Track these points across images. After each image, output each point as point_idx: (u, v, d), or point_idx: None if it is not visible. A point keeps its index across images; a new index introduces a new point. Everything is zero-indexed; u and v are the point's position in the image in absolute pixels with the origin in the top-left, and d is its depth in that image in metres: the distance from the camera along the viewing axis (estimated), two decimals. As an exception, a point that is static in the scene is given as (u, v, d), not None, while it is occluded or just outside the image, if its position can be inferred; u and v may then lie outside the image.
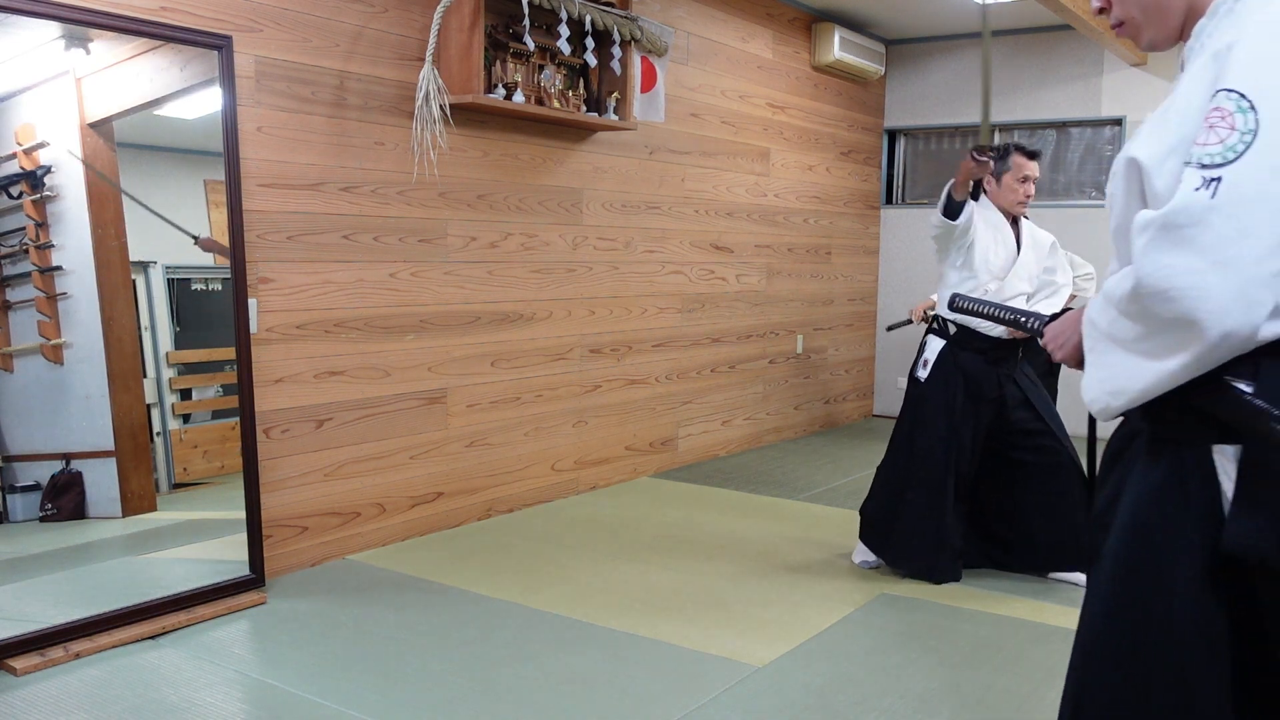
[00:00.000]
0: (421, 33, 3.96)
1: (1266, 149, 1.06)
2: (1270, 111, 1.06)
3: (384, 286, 3.95)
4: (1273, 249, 1.06)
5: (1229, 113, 1.08)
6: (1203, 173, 1.08)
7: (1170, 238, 1.09)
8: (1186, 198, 1.08)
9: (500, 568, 3.79)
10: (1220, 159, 1.07)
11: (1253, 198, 1.06)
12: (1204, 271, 1.06)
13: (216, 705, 2.64)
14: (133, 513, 3.43)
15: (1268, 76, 1.08)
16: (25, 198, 3.18)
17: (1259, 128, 1.06)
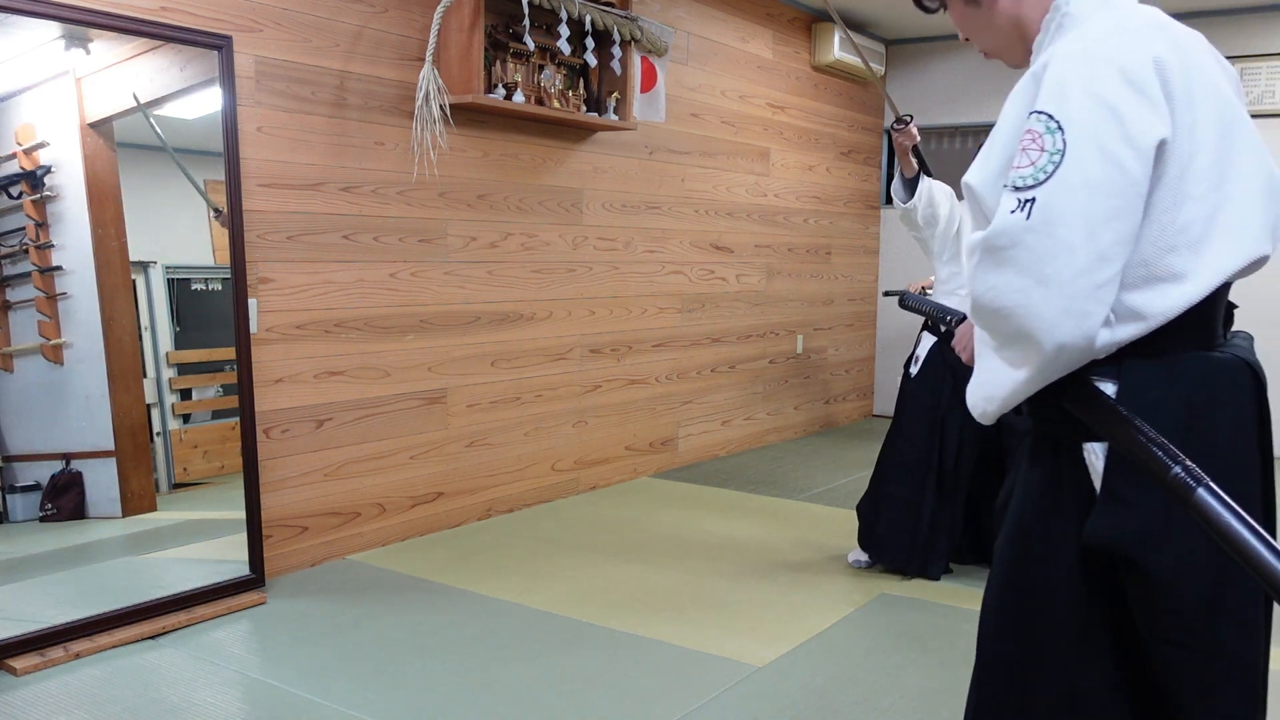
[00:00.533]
0: (421, 33, 3.96)
1: (1075, 167, 1.09)
2: (1076, 131, 1.09)
3: (384, 286, 3.95)
4: (1093, 263, 1.09)
5: (1039, 134, 1.12)
6: (1017, 195, 1.12)
7: (994, 259, 1.13)
8: (1004, 220, 1.12)
9: (500, 568, 3.79)
10: (1033, 180, 1.11)
11: (1065, 216, 1.09)
12: (1028, 290, 1.10)
13: (216, 705, 2.64)
14: (133, 513, 3.43)
15: (1074, 97, 1.10)
16: (25, 198, 3.19)
17: (1066, 148, 1.09)
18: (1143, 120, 1.10)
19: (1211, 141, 1.16)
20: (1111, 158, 1.09)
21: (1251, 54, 6.07)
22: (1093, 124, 1.10)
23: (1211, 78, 1.20)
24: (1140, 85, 1.11)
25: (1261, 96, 6.07)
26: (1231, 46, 6.13)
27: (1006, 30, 1.35)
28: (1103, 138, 1.10)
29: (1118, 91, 1.11)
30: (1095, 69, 1.12)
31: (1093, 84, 1.11)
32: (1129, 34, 1.16)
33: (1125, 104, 1.10)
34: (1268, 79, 6.04)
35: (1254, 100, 6.09)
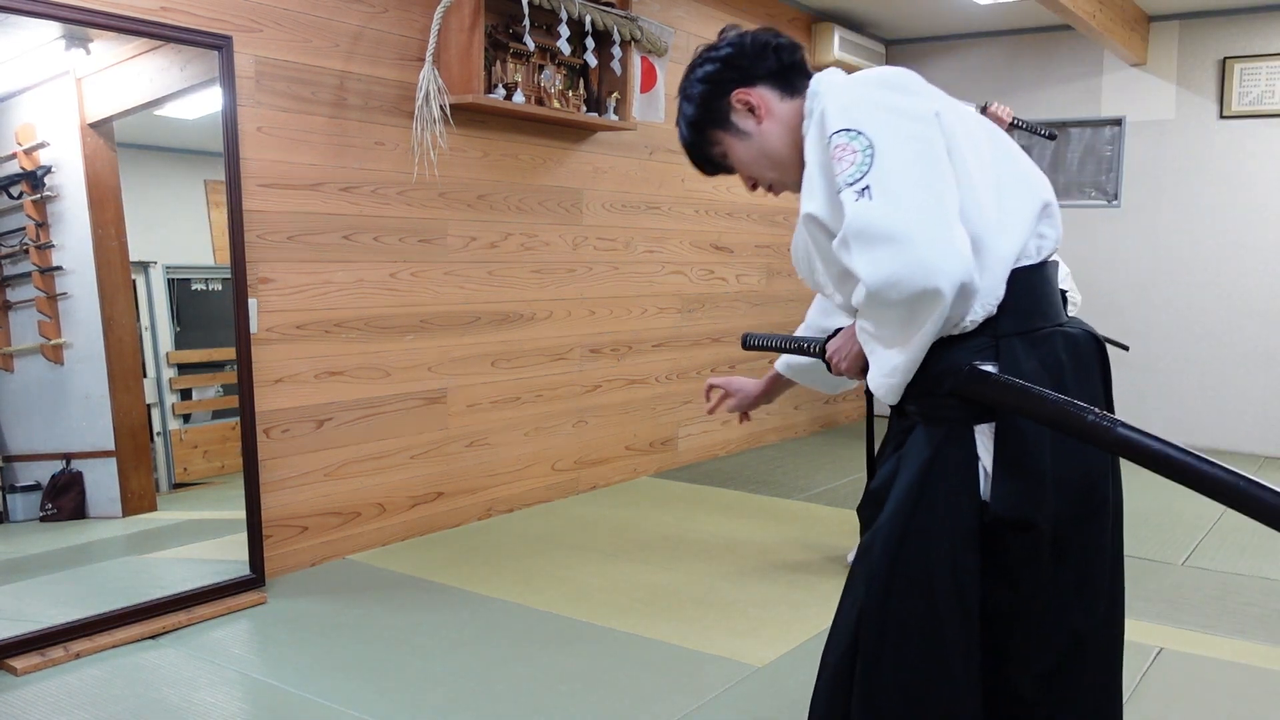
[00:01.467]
0: (421, 33, 3.96)
1: (885, 149, 1.29)
2: (871, 126, 1.30)
3: (384, 286, 3.95)
4: (936, 206, 1.26)
5: (845, 144, 1.31)
6: (853, 188, 1.29)
7: (861, 242, 1.28)
8: (853, 210, 1.28)
9: (500, 568, 3.79)
10: (860, 173, 1.28)
11: (898, 184, 1.27)
12: (898, 252, 1.25)
13: (216, 705, 2.64)
14: (133, 513, 3.43)
15: (856, 106, 1.33)
16: (25, 198, 3.19)
17: (872, 140, 1.29)
18: (913, 100, 1.34)
19: (960, 130, 1.39)
20: (907, 133, 1.30)
21: (1251, 54, 6.07)
22: (880, 115, 1.31)
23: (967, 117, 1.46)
24: (899, 86, 1.36)
25: (1261, 96, 6.07)
26: (1232, 46, 6.13)
27: (784, 144, 1.50)
28: (893, 124, 1.30)
29: (884, 92, 1.34)
30: (860, 87, 1.35)
31: (864, 94, 1.34)
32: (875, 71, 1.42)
33: (895, 95, 1.34)
34: (1267, 79, 6.04)
35: (1254, 100, 6.09)
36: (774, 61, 1.50)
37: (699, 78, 1.53)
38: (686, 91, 1.55)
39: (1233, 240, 6.25)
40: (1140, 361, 6.56)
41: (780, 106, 1.50)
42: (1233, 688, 2.85)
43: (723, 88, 1.50)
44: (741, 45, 1.51)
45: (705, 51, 1.55)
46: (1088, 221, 6.67)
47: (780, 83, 1.51)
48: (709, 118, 1.53)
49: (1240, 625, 3.31)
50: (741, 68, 1.50)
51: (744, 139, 1.53)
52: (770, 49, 1.51)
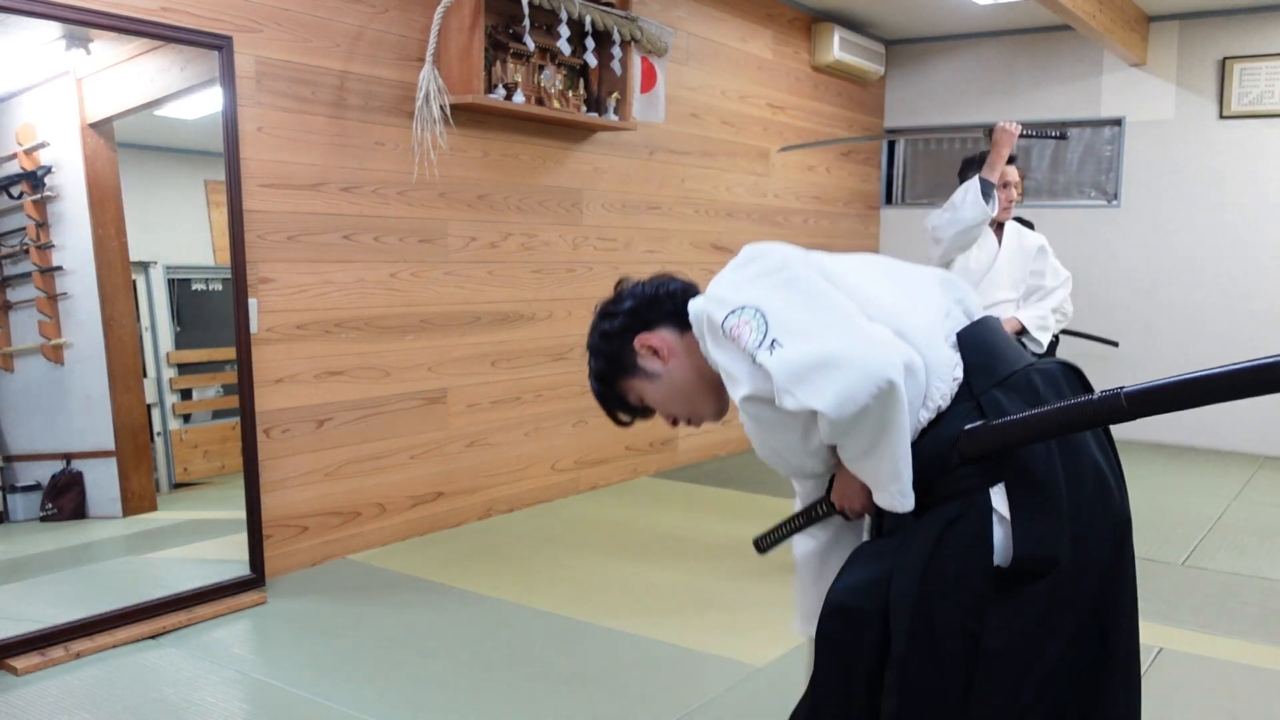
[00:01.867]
0: (421, 33, 3.96)
1: (775, 311, 1.36)
2: (750, 299, 1.38)
3: (384, 286, 3.95)
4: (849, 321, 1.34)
5: (737, 323, 1.38)
6: (763, 351, 1.34)
7: (797, 382, 1.31)
8: (775, 363, 1.33)
9: (500, 568, 3.79)
10: (762, 334, 1.35)
11: (801, 321, 1.34)
12: (836, 369, 1.28)
13: (216, 705, 2.64)
14: (133, 513, 3.44)
15: (728, 297, 1.41)
16: (26, 198, 3.19)
17: (758, 306, 1.37)
18: (766, 261, 1.43)
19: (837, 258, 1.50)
20: (784, 284, 1.38)
21: (1251, 54, 6.07)
22: (750, 286, 1.40)
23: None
24: (748, 259, 1.45)
25: (1261, 96, 6.07)
26: (1232, 46, 6.13)
27: (692, 373, 1.56)
28: (764, 281, 1.39)
29: (739, 272, 1.44)
30: (719, 284, 1.44)
31: (729, 281, 1.44)
32: None
33: (749, 268, 1.43)
34: (1267, 79, 6.04)
35: (1254, 100, 6.09)
36: (670, 305, 1.59)
37: (603, 332, 1.62)
38: (594, 347, 1.63)
39: (1232, 240, 6.25)
40: (1140, 361, 6.56)
41: (680, 342, 1.58)
42: (1233, 688, 2.85)
43: (626, 338, 1.59)
44: (639, 296, 1.60)
45: (606, 306, 1.64)
46: (1088, 221, 6.67)
47: (678, 321, 1.57)
48: (618, 369, 1.61)
49: (1240, 625, 3.31)
50: (641, 316, 1.59)
51: (654, 380, 1.59)
52: (665, 295, 1.60)
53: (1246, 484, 5.43)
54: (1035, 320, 3.67)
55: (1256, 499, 5.09)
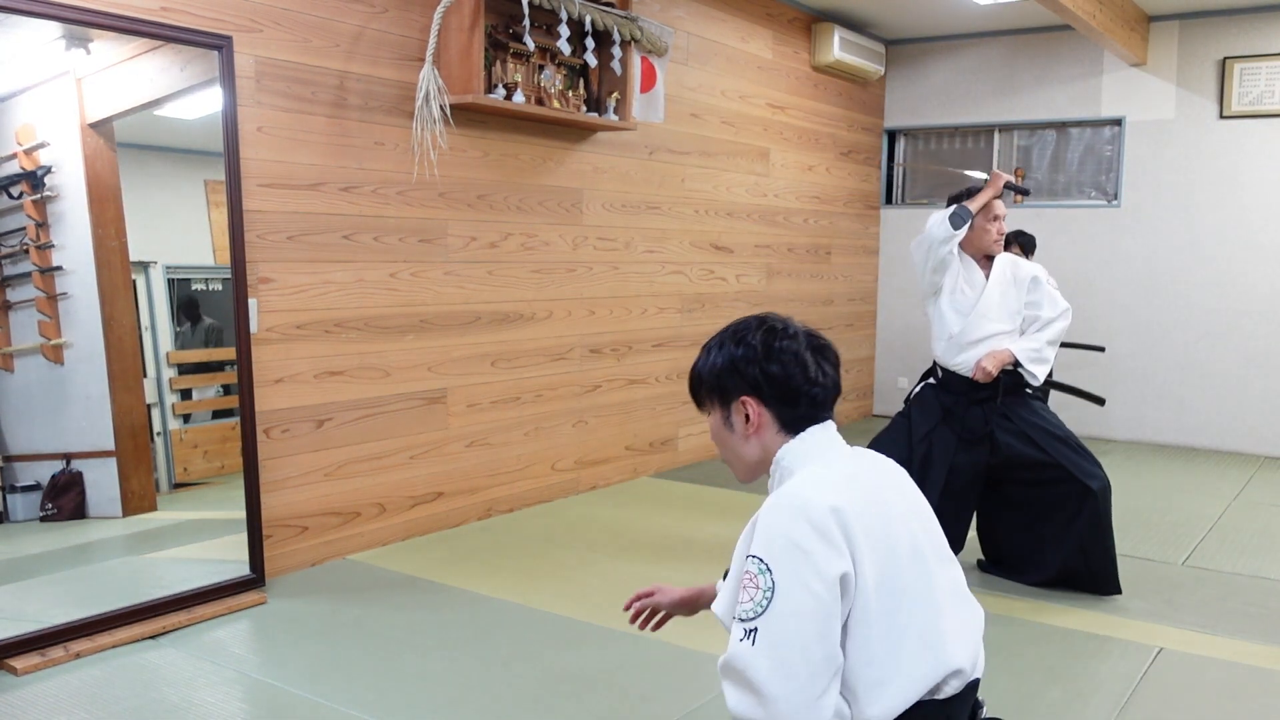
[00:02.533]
0: (421, 33, 3.96)
1: (783, 599, 1.35)
2: (780, 571, 1.36)
3: (384, 286, 3.95)
4: (810, 678, 1.33)
5: (754, 574, 1.38)
6: (743, 625, 1.37)
7: (732, 680, 1.37)
8: (735, 648, 1.37)
9: (500, 568, 3.79)
10: (753, 613, 1.36)
11: (782, 640, 1.34)
12: (759, 706, 1.34)
13: (216, 705, 2.64)
14: (133, 513, 3.43)
15: (776, 542, 1.38)
16: (25, 198, 3.19)
17: (775, 585, 1.35)
18: (826, 558, 1.36)
19: (883, 574, 1.41)
20: (809, 589, 1.35)
21: (1251, 54, 6.07)
22: (791, 563, 1.36)
23: (888, 514, 1.46)
24: (823, 531, 1.37)
25: (1261, 96, 6.07)
26: (1232, 46, 6.13)
27: (750, 458, 1.59)
28: (800, 573, 1.35)
29: (806, 535, 1.37)
30: (790, 519, 1.39)
31: (788, 531, 1.38)
32: (820, 486, 1.43)
33: (812, 545, 1.36)
34: (1267, 79, 6.04)
35: (1254, 100, 6.09)
36: (793, 399, 1.55)
37: (734, 363, 1.56)
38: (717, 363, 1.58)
39: (1232, 240, 6.25)
40: (1140, 361, 6.56)
41: (767, 425, 1.56)
42: (1232, 688, 2.85)
43: (741, 386, 1.56)
44: (783, 374, 1.55)
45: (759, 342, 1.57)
46: (1088, 221, 6.67)
47: (787, 422, 1.56)
48: (714, 391, 1.59)
49: (1240, 625, 3.31)
50: (768, 387, 1.55)
51: (726, 427, 1.60)
52: (802, 394, 1.55)
53: (1246, 484, 5.43)
54: (1028, 353, 3.64)
55: (1256, 499, 5.09)
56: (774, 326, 1.58)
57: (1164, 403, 6.51)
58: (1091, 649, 3.10)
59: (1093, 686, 2.83)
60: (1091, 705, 2.71)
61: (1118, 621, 3.33)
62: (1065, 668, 2.96)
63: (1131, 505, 4.85)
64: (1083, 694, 2.78)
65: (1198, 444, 6.43)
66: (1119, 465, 5.81)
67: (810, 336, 1.61)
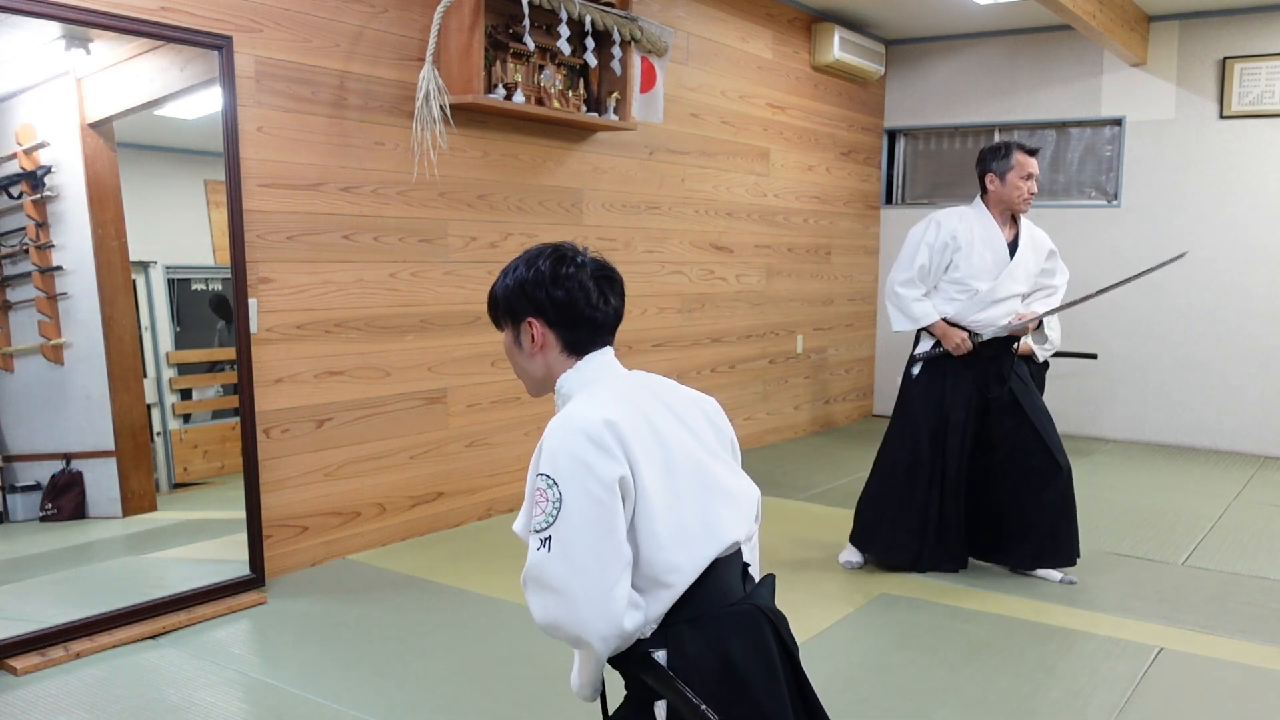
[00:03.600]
0: (421, 33, 3.96)
1: (570, 507, 1.52)
2: (565, 483, 1.52)
3: (384, 286, 3.95)
4: (600, 572, 1.50)
5: (544, 490, 1.55)
6: (538, 536, 1.56)
7: (533, 587, 1.57)
8: (533, 556, 1.57)
9: (500, 568, 3.79)
10: (545, 524, 1.55)
11: (573, 544, 1.51)
12: (563, 604, 1.52)
13: (216, 705, 2.64)
14: (133, 513, 3.43)
15: (559, 457, 1.53)
16: (25, 198, 3.18)
17: (562, 495, 1.53)
18: (604, 465, 1.51)
19: (658, 474, 1.58)
20: (590, 494, 1.51)
21: (1251, 54, 6.07)
22: (574, 474, 1.52)
23: (657, 424, 1.63)
24: (599, 442, 1.52)
25: (1261, 96, 6.07)
26: (1232, 46, 6.13)
27: (536, 374, 1.73)
28: (583, 482, 1.51)
29: (584, 448, 1.52)
30: (569, 436, 1.54)
31: (569, 447, 1.53)
32: (595, 405, 1.58)
33: (590, 456, 1.52)
34: (1267, 79, 6.04)
35: (1254, 100, 6.09)
36: (575, 318, 1.67)
37: (521, 285, 1.68)
38: (508, 285, 1.69)
39: (1232, 240, 6.25)
40: (1139, 361, 6.56)
41: (550, 343, 1.69)
42: (1233, 688, 2.85)
43: (526, 308, 1.68)
44: (564, 297, 1.66)
45: (541, 267, 1.67)
46: (1088, 221, 6.67)
47: (569, 344, 1.69)
48: (505, 312, 1.71)
49: (1240, 625, 3.31)
50: (550, 307, 1.67)
51: (516, 346, 1.72)
52: (583, 318, 1.67)
53: (1246, 484, 5.43)
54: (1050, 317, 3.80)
55: (1256, 499, 5.09)
56: (564, 254, 1.68)
57: (1163, 403, 6.51)
58: (1091, 649, 3.10)
59: (1093, 686, 2.83)
60: (1091, 705, 2.71)
61: (1118, 621, 3.33)
62: (1065, 668, 2.96)
63: (1131, 505, 4.85)
64: (1083, 694, 2.78)
65: (1198, 444, 6.43)
66: (1118, 465, 5.81)
67: (599, 266, 1.70)
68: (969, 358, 3.69)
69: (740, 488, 1.77)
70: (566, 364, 1.70)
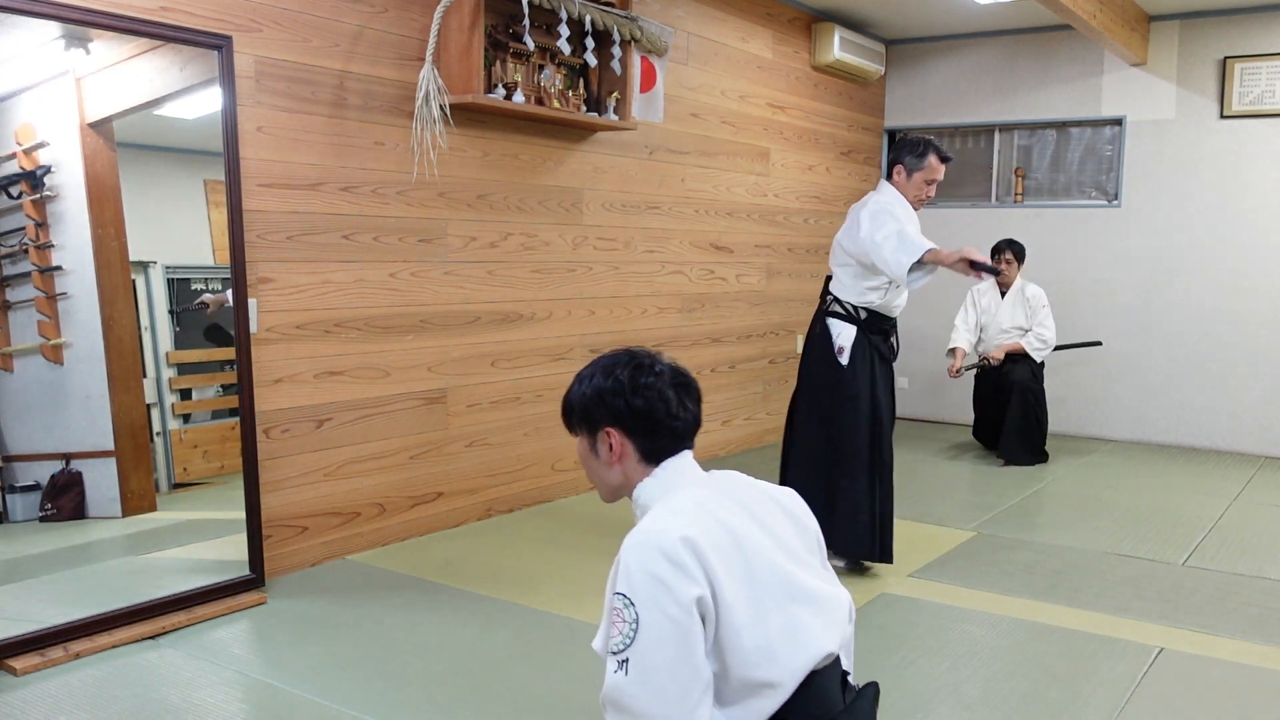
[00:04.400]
0: (421, 33, 3.96)
1: (649, 629, 1.47)
2: (642, 603, 1.48)
3: (384, 286, 3.95)
4: (680, 695, 1.46)
5: (620, 610, 1.50)
6: (615, 658, 1.49)
7: (612, 710, 1.51)
8: (610, 679, 1.50)
9: (500, 568, 3.79)
10: (622, 645, 1.49)
11: (650, 666, 1.46)
12: None
13: (216, 705, 2.64)
14: (133, 513, 3.43)
15: (636, 577, 1.49)
16: (25, 198, 3.18)
17: (639, 617, 1.47)
18: (681, 585, 1.47)
19: (741, 587, 1.53)
20: (668, 615, 1.47)
21: (1252, 54, 6.07)
22: (651, 594, 1.48)
23: (738, 533, 1.58)
24: (676, 560, 1.48)
25: (1261, 96, 6.07)
26: (1232, 46, 6.13)
27: (612, 483, 1.72)
28: (659, 602, 1.47)
29: (661, 567, 1.48)
30: (646, 554, 1.50)
31: (645, 565, 1.50)
32: (672, 519, 1.54)
33: (667, 575, 1.48)
34: (1268, 79, 6.04)
35: (1254, 100, 6.09)
36: (654, 430, 1.68)
37: (600, 394, 1.67)
38: (584, 394, 1.69)
39: (1233, 240, 6.25)
40: (1139, 361, 6.56)
41: (629, 454, 1.68)
42: (1233, 688, 2.85)
43: (604, 418, 1.67)
44: (645, 407, 1.66)
45: (621, 377, 1.67)
46: (1088, 221, 6.67)
47: (647, 453, 1.69)
48: (582, 421, 1.71)
49: (1240, 625, 3.31)
50: (630, 420, 1.67)
51: (593, 454, 1.72)
52: (663, 427, 1.68)
53: (1246, 484, 5.43)
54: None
55: (1256, 499, 5.09)
56: (642, 363, 1.68)
57: (1164, 403, 6.51)
58: (1091, 649, 3.10)
59: (1093, 686, 2.83)
60: (1091, 705, 2.71)
61: (1118, 621, 3.33)
62: (1065, 668, 2.96)
63: (1131, 505, 4.85)
64: (1083, 694, 2.78)
65: (1198, 444, 6.43)
66: (1119, 465, 5.81)
67: (676, 373, 1.71)
68: (878, 339, 3.78)
69: (828, 593, 1.68)
70: (644, 472, 1.68)
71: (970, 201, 7.14)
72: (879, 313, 3.80)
